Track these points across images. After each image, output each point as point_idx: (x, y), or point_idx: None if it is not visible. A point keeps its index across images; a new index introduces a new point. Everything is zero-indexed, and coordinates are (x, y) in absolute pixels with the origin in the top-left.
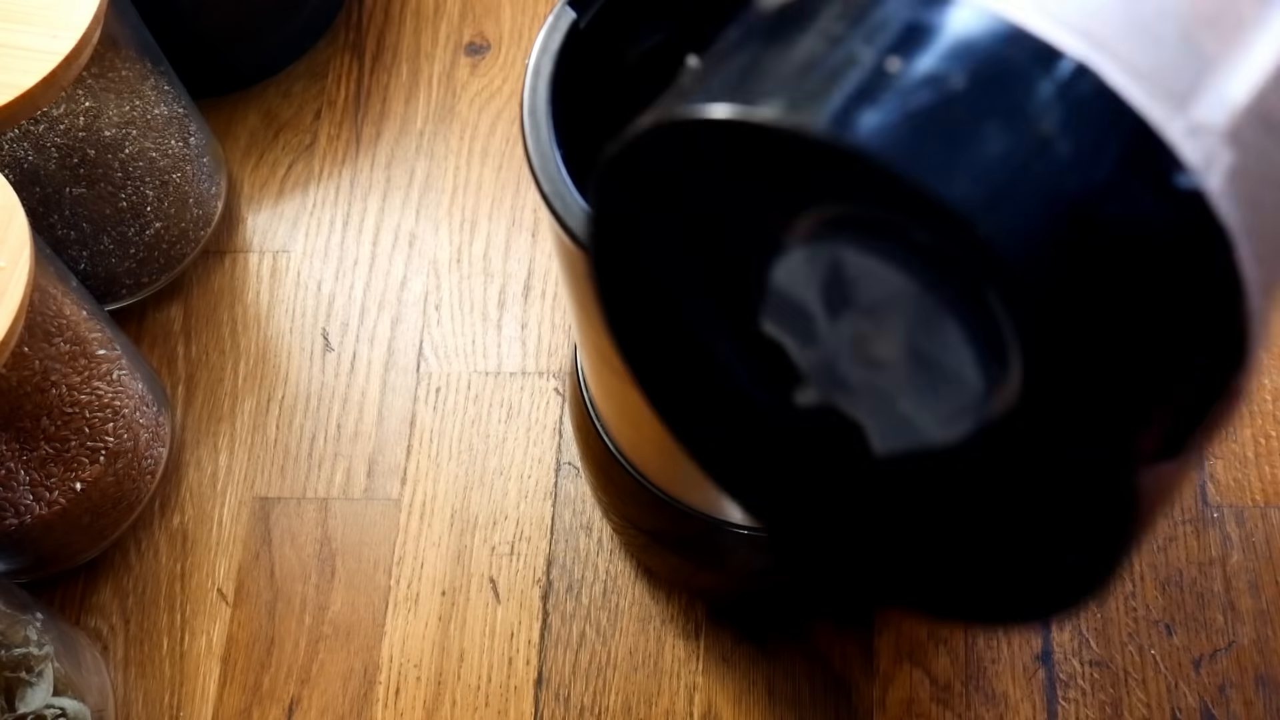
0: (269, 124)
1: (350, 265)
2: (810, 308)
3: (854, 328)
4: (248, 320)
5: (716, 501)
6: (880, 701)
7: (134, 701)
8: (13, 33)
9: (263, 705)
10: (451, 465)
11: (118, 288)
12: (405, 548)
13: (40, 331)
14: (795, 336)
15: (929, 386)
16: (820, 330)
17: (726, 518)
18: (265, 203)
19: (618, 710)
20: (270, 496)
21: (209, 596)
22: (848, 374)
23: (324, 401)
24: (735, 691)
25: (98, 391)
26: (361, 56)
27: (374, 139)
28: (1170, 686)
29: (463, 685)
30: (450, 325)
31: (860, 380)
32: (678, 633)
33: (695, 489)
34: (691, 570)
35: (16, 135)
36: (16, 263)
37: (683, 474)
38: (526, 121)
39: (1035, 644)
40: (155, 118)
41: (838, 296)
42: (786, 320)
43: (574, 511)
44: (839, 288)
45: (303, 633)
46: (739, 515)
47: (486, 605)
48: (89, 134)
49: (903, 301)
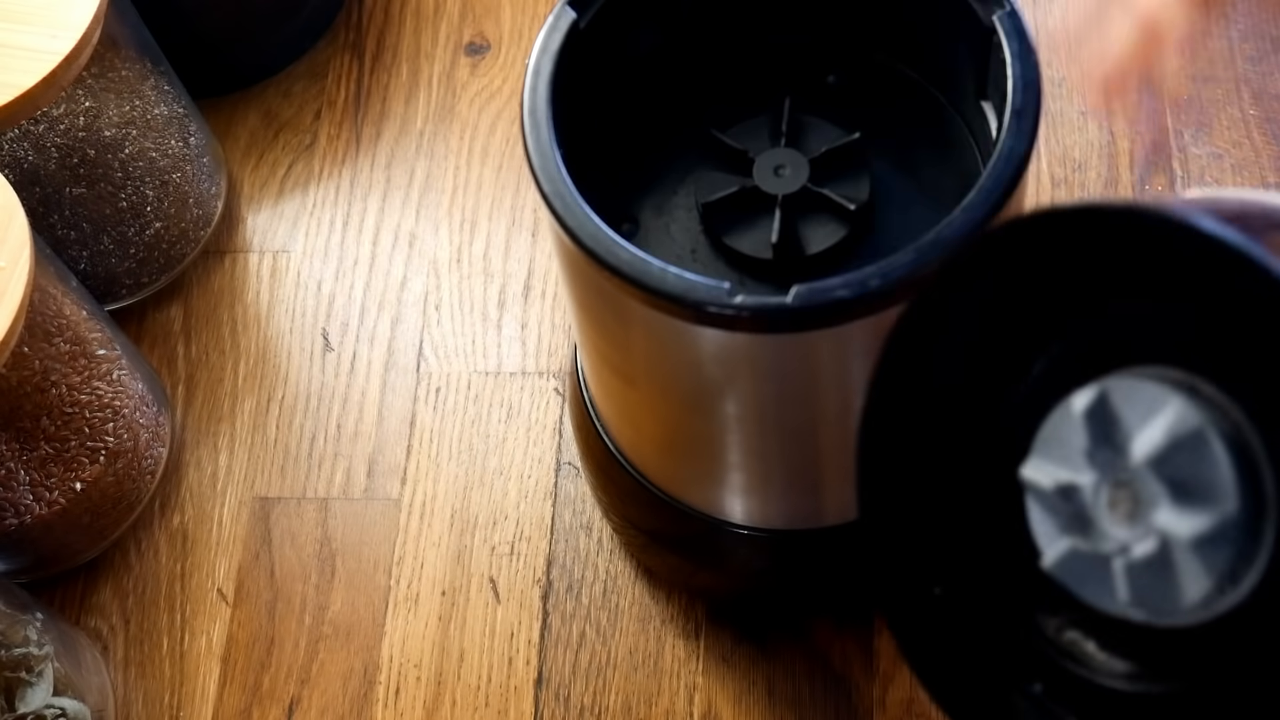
0: (269, 124)
1: (350, 265)
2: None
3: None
4: (248, 320)
5: (716, 501)
6: (880, 701)
7: (134, 701)
8: (13, 33)
9: (263, 705)
10: (451, 465)
11: (118, 288)
12: (405, 548)
13: (40, 331)
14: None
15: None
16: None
17: (726, 517)
18: (265, 203)
19: (618, 710)
20: (270, 496)
21: (209, 596)
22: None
23: (324, 401)
24: (735, 691)
25: (98, 391)
26: (361, 56)
27: (374, 139)
28: None
29: (463, 685)
30: (450, 325)
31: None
32: (678, 633)
33: (695, 488)
34: (691, 570)
35: (16, 135)
36: (16, 263)
37: (682, 473)
38: (526, 121)
39: None
40: (155, 118)
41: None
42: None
43: (574, 511)
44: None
45: (303, 633)
46: (738, 515)
47: (486, 605)
48: (89, 134)
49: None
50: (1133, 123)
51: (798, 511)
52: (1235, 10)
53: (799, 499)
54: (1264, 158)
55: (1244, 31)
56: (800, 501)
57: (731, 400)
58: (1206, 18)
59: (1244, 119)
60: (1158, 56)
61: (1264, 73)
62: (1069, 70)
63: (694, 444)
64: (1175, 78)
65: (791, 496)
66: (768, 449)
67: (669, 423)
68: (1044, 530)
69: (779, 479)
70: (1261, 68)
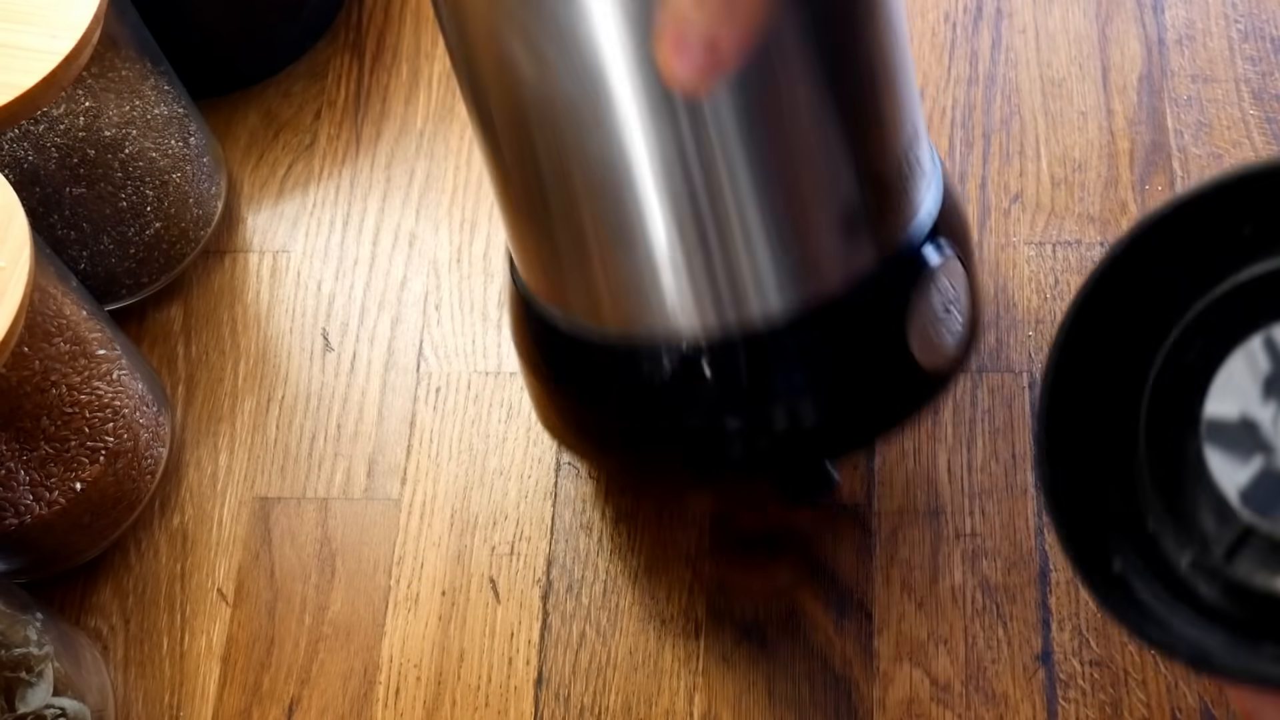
0: (269, 124)
1: (350, 265)
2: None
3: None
4: (248, 320)
5: (637, 308)
6: (880, 701)
7: (134, 701)
8: (13, 33)
9: (263, 705)
10: (451, 465)
11: (118, 288)
12: (405, 548)
13: (40, 331)
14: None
15: None
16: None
17: (645, 329)
18: (265, 203)
19: (618, 710)
20: (270, 496)
21: (209, 596)
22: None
23: (324, 401)
24: (735, 691)
25: (98, 391)
26: (361, 56)
27: (374, 139)
28: (1170, 686)
29: (463, 685)
30: (450, 325)
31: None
32: (678, 633)
33: (611, 298)
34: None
35: (16, 135)
36: (16, 263)
37: (595, 278)
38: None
39: (1035, 644)
40: (155, 118)
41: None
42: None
43: (574, 511)
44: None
45: (303, 633)
46: (657, 320)
47: (486, 605)
48: (89, 134)
49: None
50: (1132, 122)
51: (717, 296)
52: (1235, 10)
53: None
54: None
55: (1244, 31)
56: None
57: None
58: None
59: (1244, 119)
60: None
61: (1264, 73)
62: (1069, 70)
63: (586, 209)
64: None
65: (702, 272)
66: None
67: (553, 197)
68: (1227, 466)
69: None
70: (1261, 68)
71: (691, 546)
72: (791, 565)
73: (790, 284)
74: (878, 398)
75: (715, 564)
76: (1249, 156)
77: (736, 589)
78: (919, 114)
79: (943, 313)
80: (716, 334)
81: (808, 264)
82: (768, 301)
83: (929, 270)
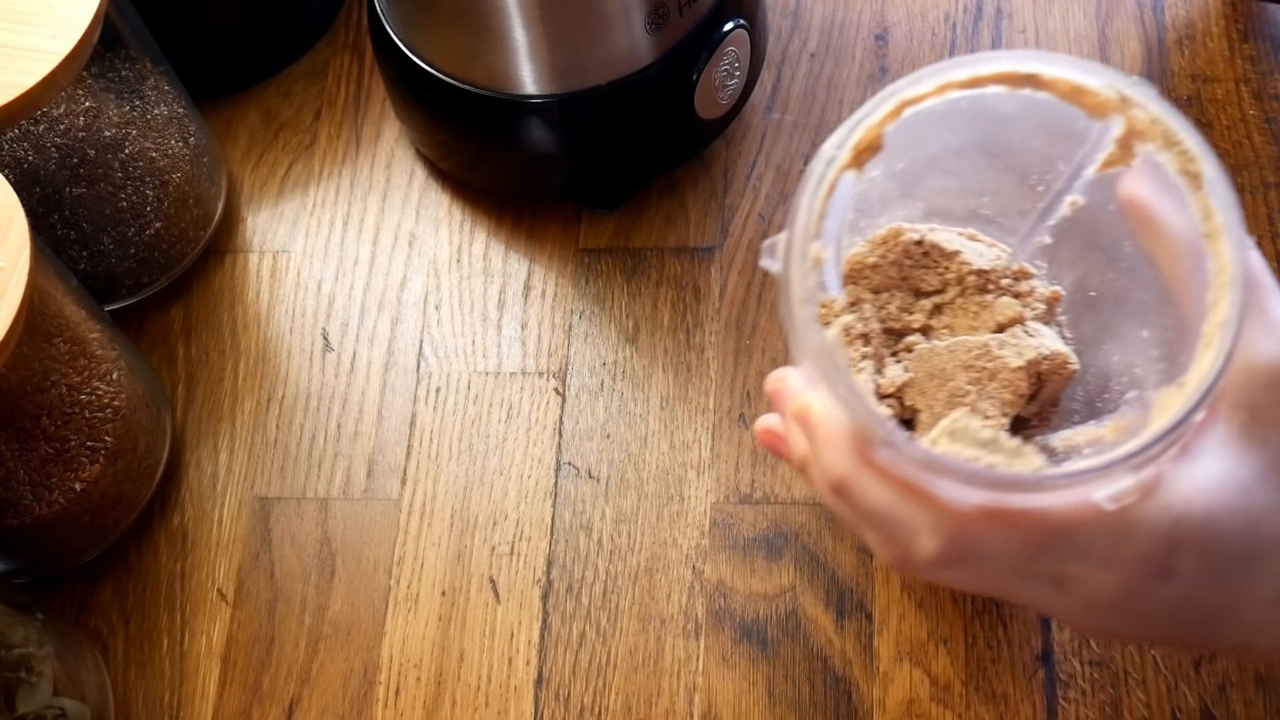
0: (269, 124)
1: (350, 265)
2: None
3: None
4: (248, 320)
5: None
6: (880, 701)
7: (134, 701)
8: (13, 33)
9: (263, 705)
10: (451, 465)
11: (118, 288)
12: (405, 548)
13: (40, 331)
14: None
15: None
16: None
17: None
18: (265, 203)
19: (618, 710)
20: (270, 496)
21: (209, 596)
22: None
23: (324, 401)
24: (735, 691)
25: (98, 391)
26: (361, 56)
27: (374, 139)
28: (1170, 686)
29: (463, 685)
30: (450, 325)
31: None
32: (678, 633)
33: (476, 55)
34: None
35: (16, 135)
36: (16, 263)
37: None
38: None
39: (1035, 644)
40: (155, 118)
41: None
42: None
43: (574, 511)
44: None
45: (303, 633)
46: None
47: (486, 605)
48: (89, 134)
49: None
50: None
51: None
52: (1235, 10)
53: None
54: (1264, 158)
55: (1244, 31)
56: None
57: None
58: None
59: (1244, 119)
60: None
61: (1264, 73)
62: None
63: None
64: (1175, 78)
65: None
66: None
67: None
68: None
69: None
70: (1261, 68)
71: (691, 547)
72: (791, 565)
73: (606, 65)
74: (666, 144)
75: (715, 564)
76: (1249, 157)
77: (736, 589)
78: None
79: (728, 79)
80: (554, 94)
81: (619, 52)
82: (585, 77)
83: (716, 40)
